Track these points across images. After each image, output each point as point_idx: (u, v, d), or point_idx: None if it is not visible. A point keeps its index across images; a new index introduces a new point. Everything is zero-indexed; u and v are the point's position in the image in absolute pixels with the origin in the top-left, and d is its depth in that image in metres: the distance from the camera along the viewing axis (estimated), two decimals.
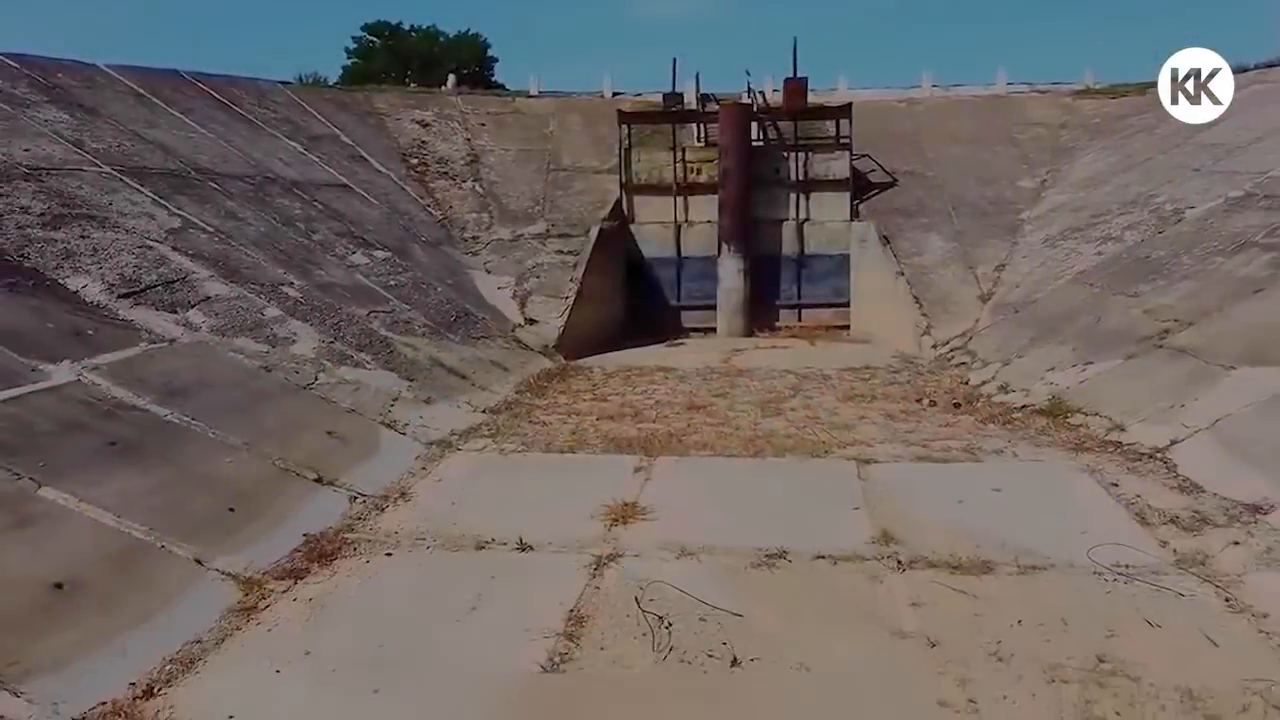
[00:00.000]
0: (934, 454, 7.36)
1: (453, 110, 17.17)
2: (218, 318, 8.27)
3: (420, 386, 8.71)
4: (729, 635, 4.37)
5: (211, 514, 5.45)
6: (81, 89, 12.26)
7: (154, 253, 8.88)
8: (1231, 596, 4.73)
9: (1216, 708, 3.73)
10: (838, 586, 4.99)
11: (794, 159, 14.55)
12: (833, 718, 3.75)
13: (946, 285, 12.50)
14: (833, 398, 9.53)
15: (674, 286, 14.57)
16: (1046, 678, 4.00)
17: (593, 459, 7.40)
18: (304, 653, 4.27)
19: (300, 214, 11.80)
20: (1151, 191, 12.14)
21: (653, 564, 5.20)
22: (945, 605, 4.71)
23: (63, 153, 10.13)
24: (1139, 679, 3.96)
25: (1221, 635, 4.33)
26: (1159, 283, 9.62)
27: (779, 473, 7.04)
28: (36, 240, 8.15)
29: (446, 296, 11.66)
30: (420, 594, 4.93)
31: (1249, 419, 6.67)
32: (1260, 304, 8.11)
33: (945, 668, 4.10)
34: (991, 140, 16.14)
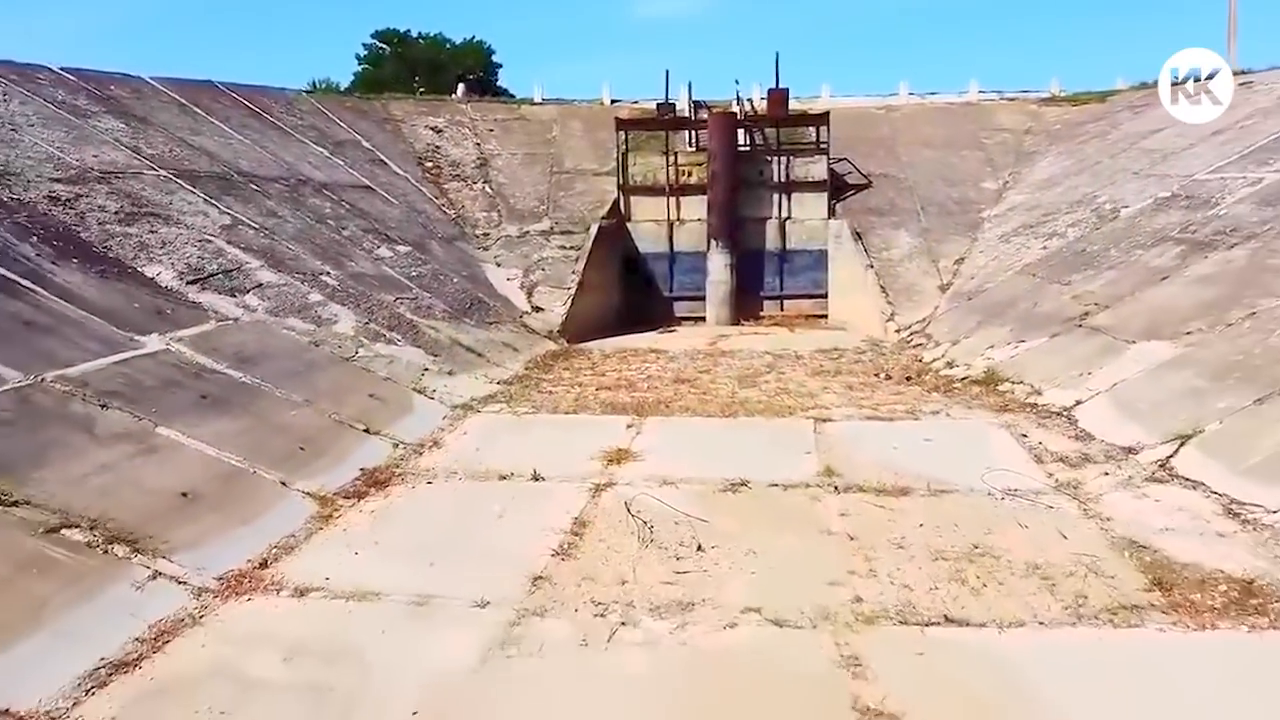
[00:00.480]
0: (880, 414, 8.71)
1: (463, 117, 18.52)
2: (270, 301, 9.63)
3: (443, 361, 10.06)
4: (697, 533, 5.72)
5: (287, 451, 6.80)
6: (132, 100, 13.61)
7: (212, 246, 10.24)
8: (1089, 509, 6.08)
9: (1051, 573, 5.08)
10: (785, 504, 6.34)
11: (777, 162, 15.89)
12: (770, 580, 5.09)
13: (911, 277, 13.85)
14: (803, 373, 10.87)
15: (667, 279, 15.92)
16: (931, 558, 5.34)
17: (592, 419, 8.75)
18: (374, 543, 5.62)
19: (330, 212, 13.15)
20: (1095, 192, 13.49)
21: (640, 489, 6.54)
22: (866, 515, 6.06)
23: (125, 158, 11.48)
24: (1000, 558, 5.31)
25: (1072, 532, 5.68)
26: (1089, 273, 10.98)
27: (748, 429, 8.39)
28: (115, 234, 9.51)
29: (462, 286, 13.01)
30: (458, 508, 6.28)
31: (1138, 382, 8.03)
32: (1163, 289, 9.47)
33: (858, 552, 5.45)
34: (961, 145, 17.47)
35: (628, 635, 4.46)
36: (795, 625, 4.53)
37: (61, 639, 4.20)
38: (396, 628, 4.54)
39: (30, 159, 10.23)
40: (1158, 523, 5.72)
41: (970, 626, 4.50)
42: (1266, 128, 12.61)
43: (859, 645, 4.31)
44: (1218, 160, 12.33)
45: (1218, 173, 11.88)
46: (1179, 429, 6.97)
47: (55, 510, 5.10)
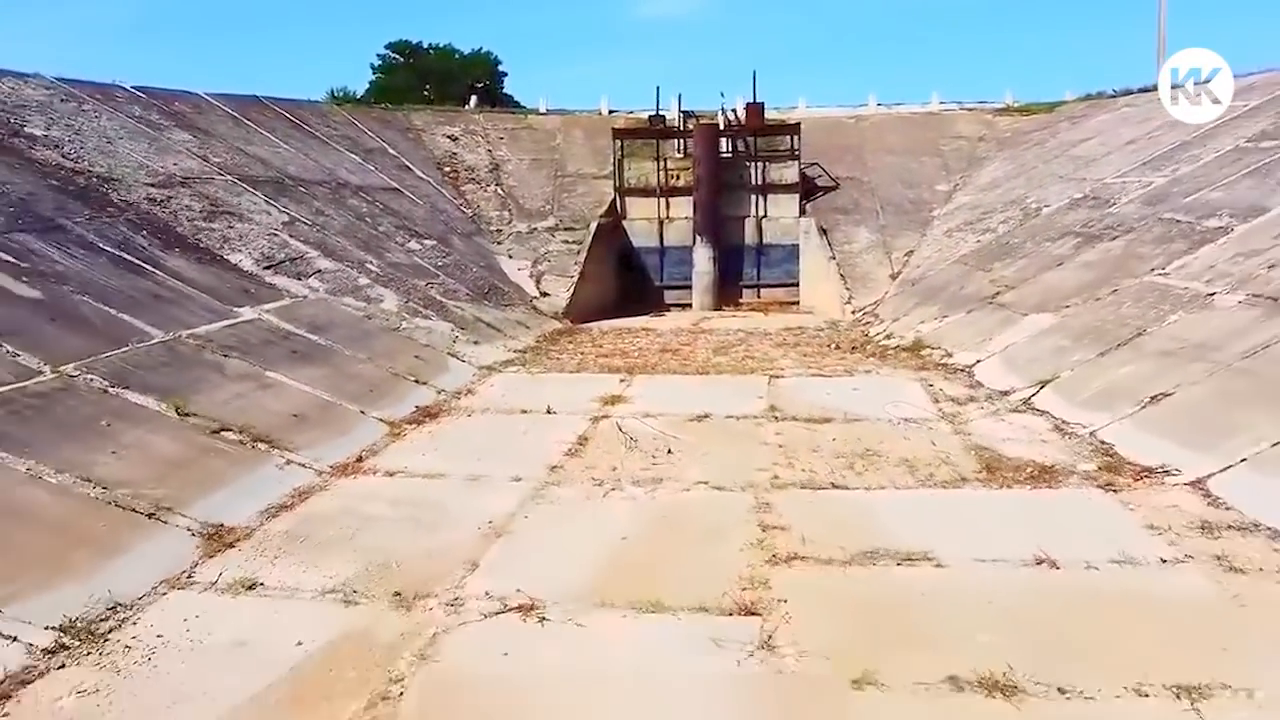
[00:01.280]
0: (824, 373, 10.85)
1: (476, 126, 20.67)
2: (328, 284, 11.77)
3: (469, 334, 12.20)
4: (668, 444, 7.85)
5: (360, 392, 8.94)
6: (194, 114, 15.75)
7: (278, 239, 12.39)
8: (959, 429, 8.21)
9: (914, 463, 7.20)
10: (735, 428, 8.47)
11: (754, 167, 18.03)
12: (717, 468, 7.19)
13: (867, 267, 16.00)
14: (768, 346, 13.01)
15: (658, 270, 18.06)
16: (835, 456, 7.46)
17: (592, 376, 10.88)
18: (434, 449, 7.76)
19: (367, 211, 15.29)
20: (1026, 194, 15.63)
21: (628, 419, 8.67)
22: (795, 434, 8.18)
23: (198, 166, 13.62)
24: (882, 455, 7.44)
25: (939, 442, 7.81)
26: (1007, 261, 13.13)
27: (716, 383, 10.53)
28: (202, 229, 11.66)
29: (480, 275, 15.16)
30: (492, 430, 8.42)
31: (1023, 345, 10.18)
32: (1056, 273, 11.62)
33: (783, 455, 7.57)
34: (920, 151, 19.62)
35: (616, 495, 6.59)
36: (730, 490, 6.66)
37: (240, 492, 6.34)
38: (459, 491, 6.68)
39: (127, 167, 12.38)
40: (1003, 435, 7.86)
41: (848, 490, 6.63)
42: (1169, 138, 14.75)
43: (771, 498, 6.44)
44: (1125, 166, 14.48)
45: (1122, 177, 14.03)
46: (1042, 376, 9.13)
47: (214, 420, 7.24)
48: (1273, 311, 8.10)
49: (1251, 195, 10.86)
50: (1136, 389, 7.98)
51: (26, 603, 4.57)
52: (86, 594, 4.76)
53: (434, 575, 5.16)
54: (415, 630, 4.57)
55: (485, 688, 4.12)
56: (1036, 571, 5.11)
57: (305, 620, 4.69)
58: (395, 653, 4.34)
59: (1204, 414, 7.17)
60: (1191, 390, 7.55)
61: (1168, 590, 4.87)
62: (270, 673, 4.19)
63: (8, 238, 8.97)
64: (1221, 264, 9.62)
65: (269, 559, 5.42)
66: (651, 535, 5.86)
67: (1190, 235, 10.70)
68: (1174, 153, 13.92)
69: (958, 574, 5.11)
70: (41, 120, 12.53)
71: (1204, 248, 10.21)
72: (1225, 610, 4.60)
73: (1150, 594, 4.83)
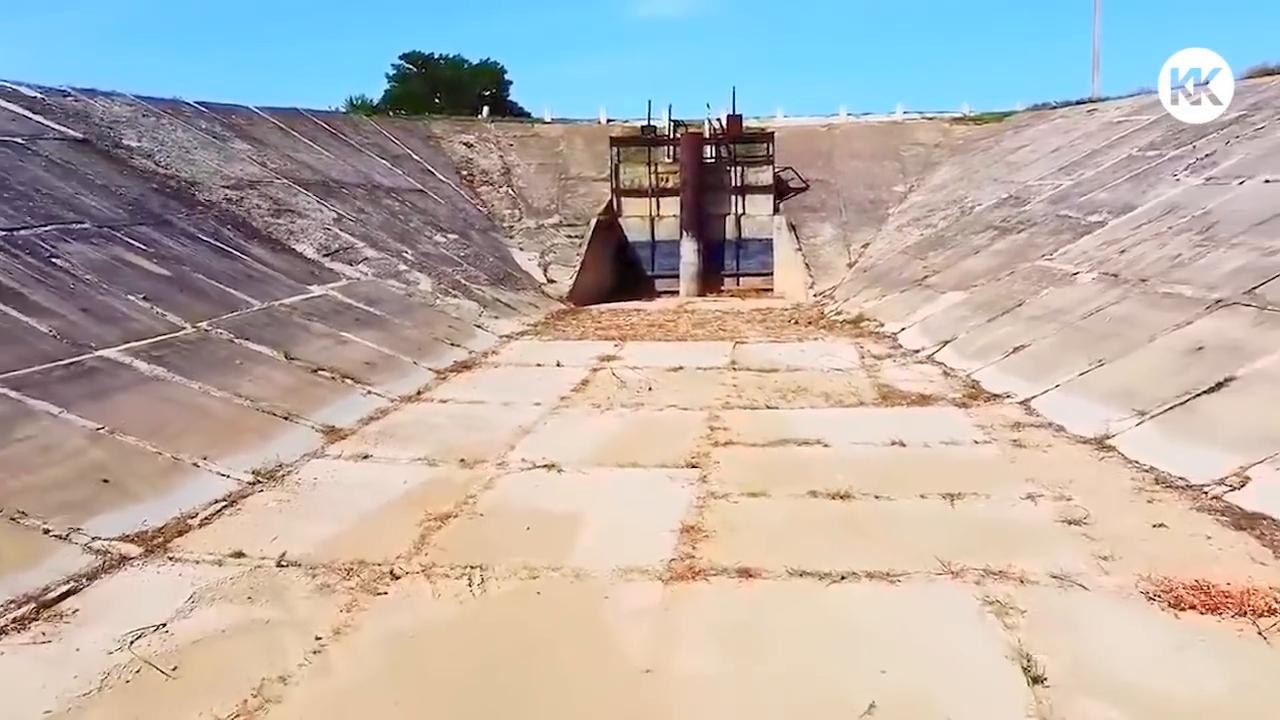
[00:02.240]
0: (780, 340, 13.36)
1: (488, 134, 23.20)
2: (375, 269, 14.29)
3: (490, 311, 14.72)
4: (650, 384, 10.36)
5: (411, 349, 11.45)
6: (248, 126, 18.27)
7: (330, 232, 14.92)
8: (872, 375, 10.72)
9: (831, 394, 9.71)
10: (702, 375, 10.98)
11: (734, 171, 20.55)
12: (684, 398, 9.68)
13: (829, 257, 18.52)
14: (739, 322, 15.53)
15: (649, 261, 20.58)
16: (774, 391, 9.97)
17: (592, 342, 13.40)
18: (472, 388, 10.28)
19: (398, 209, 17.81)
20: (965, 195, 18.16)
21: (620, 369, 11.18)
22: (746, 379, 10.69)
23: (259, 171, 16.14)
24: (809, 390, 9.95)
25: (854, 382, 10.32)
26: (939, 251, 15.65)
27: (692, 347, 13.05)
28: (271, 224, 14.18)
29: (496, 264, 17.68)
30: (515, 376, 10.94)
31: (937, 316, 12.70)
32: (973, 260, 14.15)
33: (735, 390, 10.07)
34: (883, 156, 22.14)
35: (609, 413, 9.10)
36: (691, 410, 9.16)
37: (340, 409, 8.85)
38: (495, 411, 9.19)
39: (205, 172, 14.90)
40: (903, 378, 10.38)
41: (777, 409, 9.14)
42: (1086, 147, 17.28)
43: (720, 414, 8.94)
44: (1046, 171, 17.01)
45: (1041, 180, 16.56)
46: (945, 338, 11.65)
47: (310, 363, 9.76)
48: (1112, 285, 10.63)
49: (1127, 196, 13.39)
50: (1006, 344, 10.51)
51: (226, 460, 7.10)
52: (260, 458, 7.27)
53: (485, 452, 7.68)
54: (477, 478, 7.08)
55: (523, 501, 6.62)
56: (889, 449, 7.63)
57: (405, 473, 7.21)
58: (466, 487, 6.86)
59: (1044, 358, 9.69)
60: (1042, 343, 10.08)
61: (969, 455, 7.39)
62: (388, 495, 6.70)
63: (134, 230, 11.51)
64: (1091, 250, 12.15)
65: (371, 444, 7.94)
66: (633, 433, 8.39)
67: (1076, 228, 13.23)
68: (1084, 160, 16.45)
69: (836, 450, 7.63)
70: (133, 133, 15.06)
71: (1083, 238, 12.74)
72: (999, 464, 7.12)
73: (956, 457, 7.35)
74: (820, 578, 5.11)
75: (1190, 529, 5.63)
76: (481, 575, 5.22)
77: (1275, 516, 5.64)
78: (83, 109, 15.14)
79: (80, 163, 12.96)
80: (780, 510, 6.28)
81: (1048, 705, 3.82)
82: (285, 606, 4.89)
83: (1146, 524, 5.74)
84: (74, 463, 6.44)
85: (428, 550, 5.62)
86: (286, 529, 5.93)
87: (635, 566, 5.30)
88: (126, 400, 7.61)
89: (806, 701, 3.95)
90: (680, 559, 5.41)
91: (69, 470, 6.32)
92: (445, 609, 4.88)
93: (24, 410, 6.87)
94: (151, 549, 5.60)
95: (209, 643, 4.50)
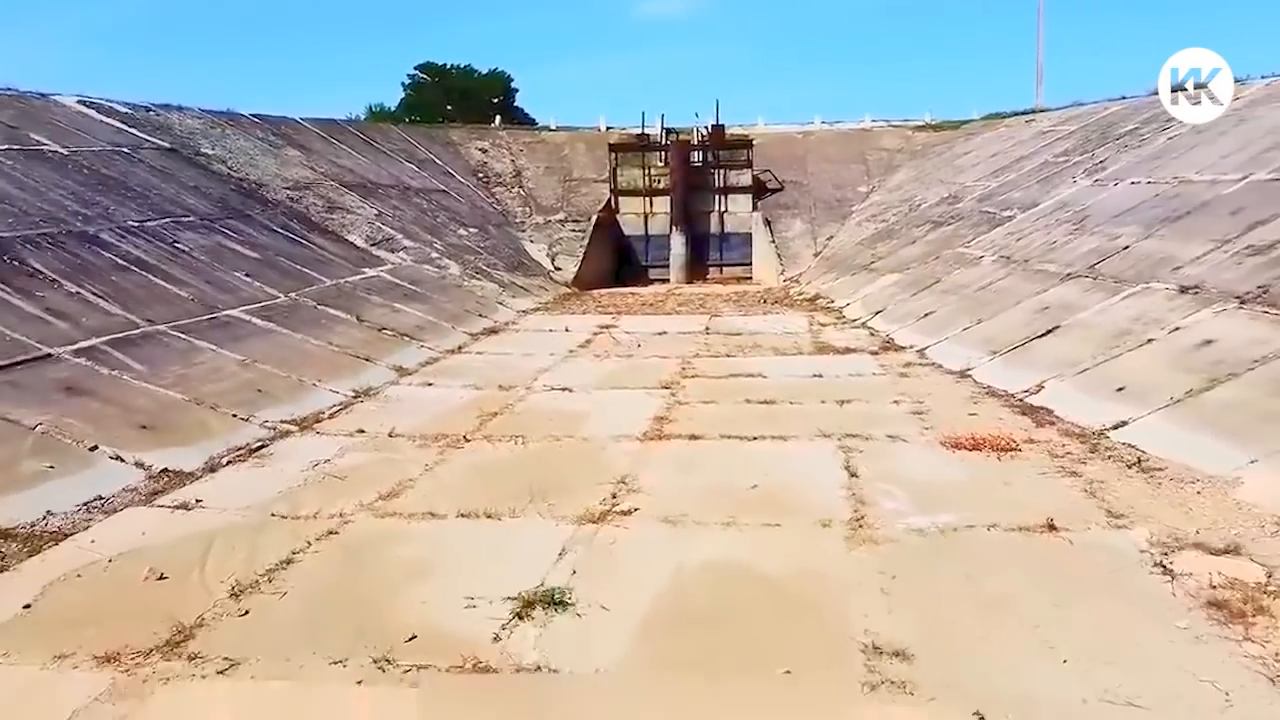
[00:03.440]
0: (748, 314, 16.22)
1: (501, 141, 26.07)
2: (412, 256, 17.16)
3: (508, 291, 17.58)
4: (639, 342, 13.22)
5: (448, 318, 14.31)
6: (296, 134, 21.14)
7: (374, 225, 17.79)
8: (815, 336, 13.58)
9: (779, 349, 12.55)
10: (681, 338, 13.84)
11: (717, 173, 23.41)
12: (666, 350, 12.54)
13: (798, 248, 21.37)
14: (718, 302, 18.38)
15: (643, 253, 23.44)
16: (735, 347, 12.82)
17: (594, 316, 16.27)
18: (500, 345, 13.16)
19: (427, 207, 20.68)
20: (915, 194, 21.01)
21: (617, 334, 14.04)
22: (717, 340, 13.54)
23: (310, 175, 19.01)
24: (762, 346, 12.81)
25: (800, 341, 13.17)
26: (887, 241, 18.50)
27: (676, 319, 15.92)
28: (326, 219, 17.06)
29: (511, 254, 20.55)
30: (533, 338, 13.82)
31: (875, 293, 15.56)
32: (910, 248, 17.01)
33: (705, 347, 12.93)
34: (850, 161, 24.99)
35: (607, 360, 11.96)
36: (669, 358, 12.01)
37: (402, 357, 11.70)
38: (519, 359, 12.04)
39: (268, 176, 17.77)
40: (838, 338, 13.23)
41: (735, 358, 11.98)
42: (1016, 153, 20.14)
43: (692, 361, 11.79)
44: (981, 174, 19.87)
45: (976, 182, 19.42)
46: (877, 309, 14.50)
47: (376, 324, 12.63)
48: (1004, 265, 13.50)
49: (1034, 195, 16.26)
50: (919, 311, 13.37)
51: (333, 383, 9.96)
52: (355, 383, 10.13)
53: (516, 381, 10.53)
54: (512, 394, 9.93)
55: (546, 405, 9.45)
56: (810, 378, 10.47)
57: (460, 393, 10.05)
58: (505, 398, 9.71)
59: (943, 321, 12.54)
60: (944, 310, 12.93)
61: (865, 382, 10.25)
62: (451, 403, 9.55)
63: (225, 222, 14.39)
64: (997, 239, 15.02)
65: (431, 377, 10.81)
66: (625, 370, 11.25)
67: (992, 222, 16.10)
68: (1012, 164, 19.32)
69: (772, 380, 10.48)
70: (207, 143, 17.93)
71: (995, 230, 15.61)
72: (884, 386, 9.97)
73: (856, 383, 10.20)
74: (740, 439, 7.96)
75: (992, 415, 8.49)
76: (522, 440, 8.08)
77: (1049, 407, 8.50)
78: (164, 122, 18.02)
79: (173, 168, 15.84)
80: (723, 409, 9.13)
81: (856, 485, 6.67)
82: (401, 453, 7.74)
83: (964, 413, 8.59)
84: (235, 379, 9.31)
85: (485, 429, 8.48)
86: (388, 419, 8.78)
87: (623, 435, 8.16)
88: (255, 343, 10.48)
89: (717, 488, 6.78)
90: (652, 432, 8.27)
91: (234, 383, 9.19)
92: (501, 453, 7.74)
93: (193, 346, 9.75)
94: (304, 428, 8.47)
95: (360, 467, 7.36)
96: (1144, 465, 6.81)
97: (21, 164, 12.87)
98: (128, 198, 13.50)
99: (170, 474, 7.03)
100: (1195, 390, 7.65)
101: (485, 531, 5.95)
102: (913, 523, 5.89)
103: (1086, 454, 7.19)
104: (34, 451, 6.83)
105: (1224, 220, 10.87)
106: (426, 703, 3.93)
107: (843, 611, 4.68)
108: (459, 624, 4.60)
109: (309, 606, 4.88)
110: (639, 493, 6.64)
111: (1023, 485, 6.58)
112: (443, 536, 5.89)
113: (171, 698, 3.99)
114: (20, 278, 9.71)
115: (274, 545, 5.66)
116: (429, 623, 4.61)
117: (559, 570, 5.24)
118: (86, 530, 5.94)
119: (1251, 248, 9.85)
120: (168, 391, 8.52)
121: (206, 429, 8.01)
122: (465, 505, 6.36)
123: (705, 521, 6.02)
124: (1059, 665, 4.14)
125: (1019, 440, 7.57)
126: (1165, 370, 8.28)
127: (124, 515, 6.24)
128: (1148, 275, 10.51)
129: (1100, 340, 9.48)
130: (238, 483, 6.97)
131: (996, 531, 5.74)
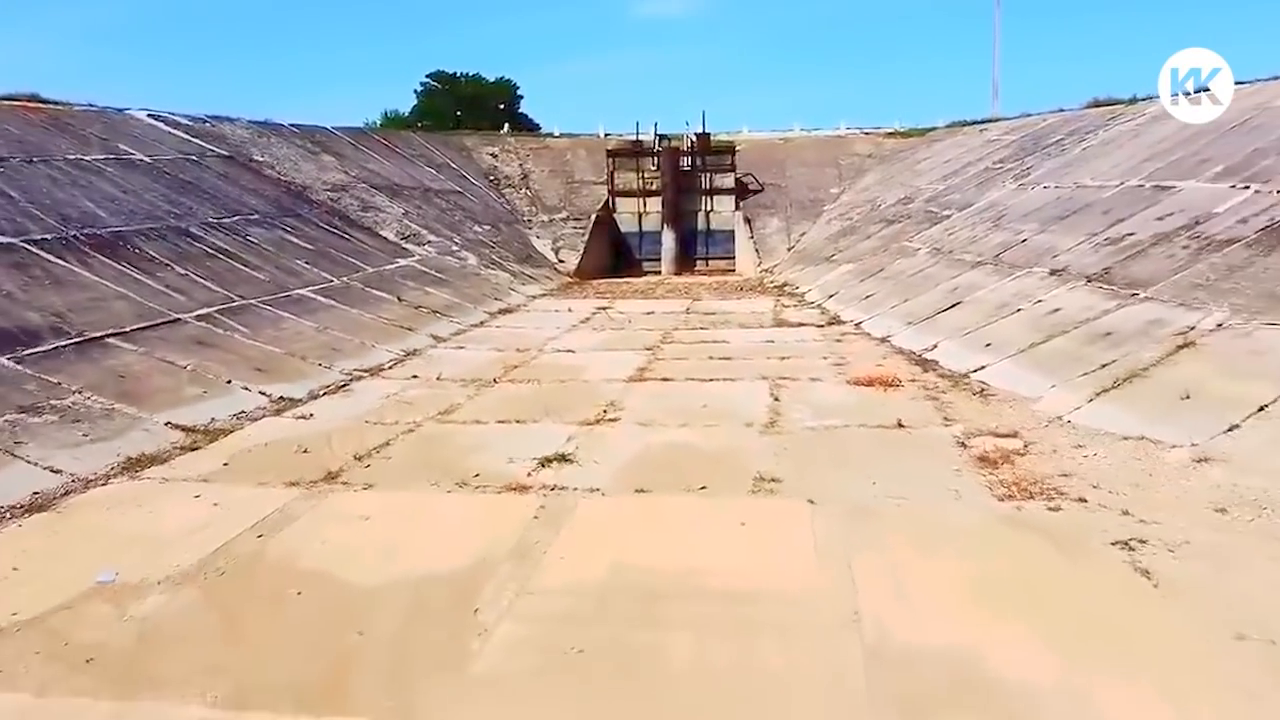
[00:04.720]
0: (725, 299, 18.92)
1: (509, 146, 28.77)
2: (436, 249, 19.87)
3: (518, 280, 20.30)
4: (630, 320, 15.93)
5: (470, 300, 17.02)
6: (329, 141, 23.85)
7: (402, 223, 20.50)
8: (777, 314, 16.28)
9: (744, 324, 15.27)
10: (667, 316, 16.55)
11: (704, 176, 26.11)
12: (654, 326, 15.24)
13: (774, 244, 24.07)
14: (701, 290, 21.09)
15: (638, 248, 26.14)
16: (710, 322, 15.54)
17: (593, 300, 18.98)
18: (515, 321, 15.88)
19: (445, 207, 23.39)
20: (877, 196, 23.70)
21: (612, 313, 16.74)
22: (695, 318, 16.26)
23: (345, 179, 21.72)
24: (730, 321, 15.52)
25: (762, 319, 15.87)
26: (849, 237, 21.20)
27: (663, 303, 18.63)
28: (362, 216, 19.78)
29: (520, 248, 23.26)
30: (543, 317, 16.53)
31: (832, 280, 18.27)
32: (865, 242, 19.72)
33: (684, 322, 15.64)
34: (825, 165, 27.66)
35: (603, 331, 14.66)
36: (655, 330, 14.72)
37: (437, 328, 14.40)
38: (531, 331, 14.74)
39: (310, 179, 20.49)
40: (795, 315, 15.93)
41: (707, 330, 14.68)
42: (965, 159, 22.83)
43: (673, 333, 14.50)
44: (934, 178, 22.56)
45: (929, 185, 22.11)
46: (831, 293, 17.21)
47: (412, 304, 15.34)
48: (935, 255, 16.21)
49: (970, 196, 18.96)
50: (862, 293, 16.09)
51: (386, 346, 12.67)
52: (402, 346, 12.84)
53: (529, 345, 13.24)
54: (527, 355, 12.63)
55: (554, 361, 12.15)
56: (764, 343, 13.16)
57: (486, 354, 12.75)
58: (522, 356, 12.41)
59: (879, 300, 15.25)
60: (881, 293, 15.64)
61: (806, 346, 12.94)
62: (480, 360, 12.25)
63: (282, 219, 17.11)
64: (935, 235, 17.72)
65: (462, 343, 13.52)
66: (617, 339, 13.97)
67: (933, 220, 18.80)
68: (960, 170, 22.01)
69: (733, 344, 13.18)
70: (257, 150, 20.65)
71: (934, 226, 18.31)
72: (819, 348, 12.67)
73: (798, 346, 12.89)
74: (700, 381, 10.67)
75: (895, 367, 11.18)
76: (537, 382, 10.80)
77: (937, 360, 11.21)
78: (219, 132, 20.73)
79: (233, 173, 18.56)
80: (690, 364, 11.84)
81: (776, 406, 9.37)
82: (448, 389, 10.45)
83: (874, 364, 11.29)
84: (313, 341, 12.03)
85: (509, 376, 11.19)
86: (434, 370, 11.49)
87: (613, 379, 10.87)
88: (323, 315, 13.20)
89: (678, 408, 9.45)
90: (635, 376, 10.98)
91: (313, 344, 11.90)
92: (522, 390, 10.44)
93: (278, 316, 12.47)
94: (373, 374, 11.19)
95: (421, 397, 10.06)
96: (984, 394, 9.53)
97: (120, 171, 15.59)
98: (203, 198, 16.21)
99: (285, 400, 9.75)
100: (1036, 343, 10.37)
101: (516, 430, 8.67)
102: (809, 424, 8.61)
103: (949, 388, 9.90)
104: (190, 382, 9.55)
105: (1097, 218, 13.59)
106: (489, 499, 6.64)
107: (745, 464, 7.38)
108: (505, 469, 7.31)
109: (407, 463, 7.60)
110: (623, 410, 9.35)
111: (894, 405, 9.28)
112: (487, 433, 8.61)
113: (337, 499, 6.71)
114: (143, 262, 12.43)
115: (374, 436, 8.37)
116: (486, 468, 7.32)
117: (567, 446, 7.95)
118: (242, 430, 8.66)
119: (1109, 239, 12.57)
120: (268, 347, 11.25)
121: (302, 373, 10.73)
122: (500, 416, 9.08)
123: (667, 424, 8.74)
124: (870, 485, 6.84)
125: (904, 380, 10.28)
126: (1022, 331, 10.99)
127: (264, 422, 8.96)
128: (1033, 262, 13.22)
129: (986, 311, 12.20)
130: (335, 406, 9.70)
131: (864, 429, 8.45)
